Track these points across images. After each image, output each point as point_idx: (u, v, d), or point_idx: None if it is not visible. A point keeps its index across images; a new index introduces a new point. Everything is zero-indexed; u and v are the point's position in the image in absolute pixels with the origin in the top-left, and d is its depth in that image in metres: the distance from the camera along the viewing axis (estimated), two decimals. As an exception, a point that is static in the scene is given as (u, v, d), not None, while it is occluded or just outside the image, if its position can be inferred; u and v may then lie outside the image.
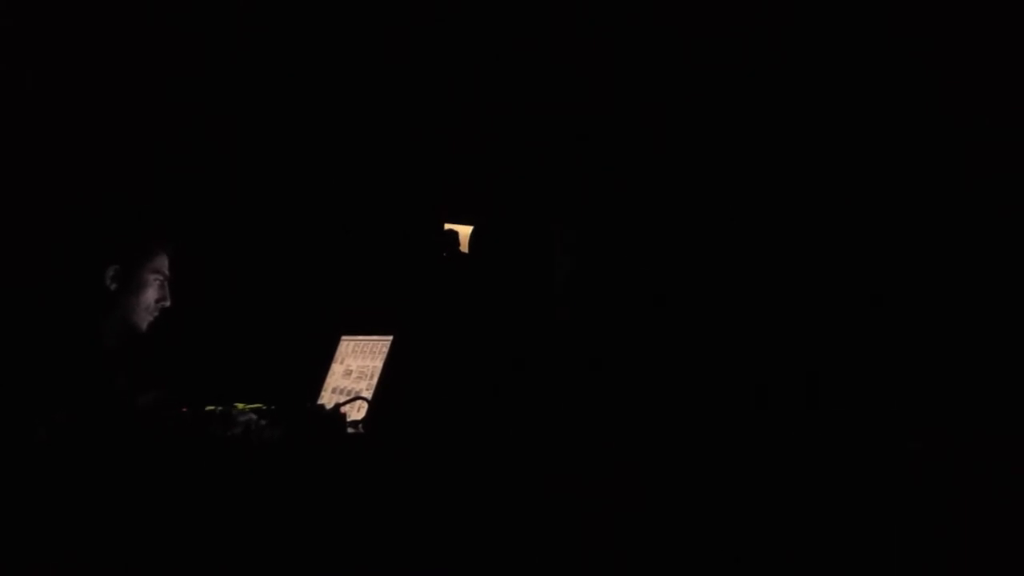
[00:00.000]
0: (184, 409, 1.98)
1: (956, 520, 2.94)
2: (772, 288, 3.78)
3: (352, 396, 2.22)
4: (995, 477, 2.92)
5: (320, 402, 2.34)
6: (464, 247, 6.42)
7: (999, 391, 3.19)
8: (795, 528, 2.70)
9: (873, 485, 2.88)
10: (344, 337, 2.47)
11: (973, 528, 2.97)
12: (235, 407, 2.00)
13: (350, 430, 2.10)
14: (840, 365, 3.44)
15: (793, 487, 2.75)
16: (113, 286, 2.01)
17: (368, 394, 2.21)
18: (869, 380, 3.36)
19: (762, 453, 2.99)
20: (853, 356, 3.42)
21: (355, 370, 2.33)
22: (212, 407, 2.00)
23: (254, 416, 1.93)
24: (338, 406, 2.11)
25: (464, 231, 6.13)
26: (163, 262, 2.08)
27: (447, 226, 6.59)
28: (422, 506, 2.07)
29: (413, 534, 2.03)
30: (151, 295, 2.05)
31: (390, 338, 2.27)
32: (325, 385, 2.43)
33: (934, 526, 2.96)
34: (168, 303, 2.08)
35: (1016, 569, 2.75)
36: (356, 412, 2.18)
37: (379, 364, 2.25)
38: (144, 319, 2.04)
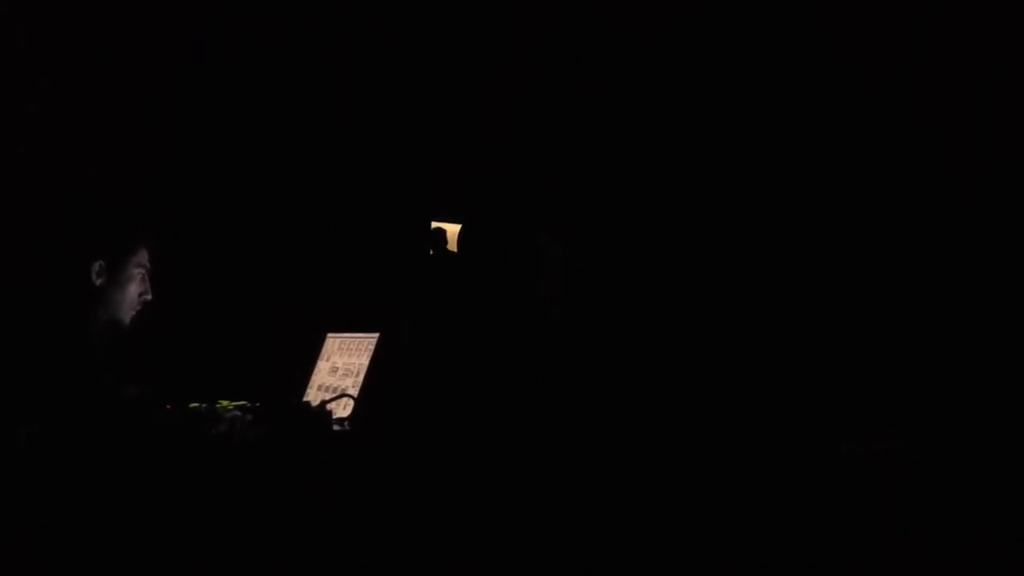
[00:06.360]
0: (168, 407, 1.97)
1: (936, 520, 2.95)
2: (760, 285, 3.79)
3: (338, 393, 2.21)
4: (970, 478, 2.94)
5: (306, 399, 2.32)
6: (451, 245, 6.41)
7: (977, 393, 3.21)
8: (787, 528, 2.70)
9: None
10: (330, 334, 2.46)
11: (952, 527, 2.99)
12: (220, 404, 1.99)
13: (336, 427, 2.09)
14: (835, 365, 3.45)
15: (787, 487, 2.76)
16: (99, 281, 1.98)
17: (354, 391, 2.20)
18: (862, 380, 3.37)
19: (757, 452, 2.99)
20: (847, 356, 3.44)
21: (341, 367, 2.32)
22: (196, 404, 1.98)
23: (239, 413, 1.92)
24: (324, 403, 2.10)
25: (452, 229, 6.12)
26: (145, 255, 2.05)
27: (434, 224, 6.58)
28: (408, 504, 2.06)
29: (398, 531, 2.02)
30: (135, 289, 2.02)
31: (376, 335, 2.26)
32: (311, 382, 2.42)
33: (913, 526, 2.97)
34: (150, 296, 2.05)
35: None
36: (342, 409, 2.17)
37: (365, 361, 2.24)
38: (128, 314, 2.02)
